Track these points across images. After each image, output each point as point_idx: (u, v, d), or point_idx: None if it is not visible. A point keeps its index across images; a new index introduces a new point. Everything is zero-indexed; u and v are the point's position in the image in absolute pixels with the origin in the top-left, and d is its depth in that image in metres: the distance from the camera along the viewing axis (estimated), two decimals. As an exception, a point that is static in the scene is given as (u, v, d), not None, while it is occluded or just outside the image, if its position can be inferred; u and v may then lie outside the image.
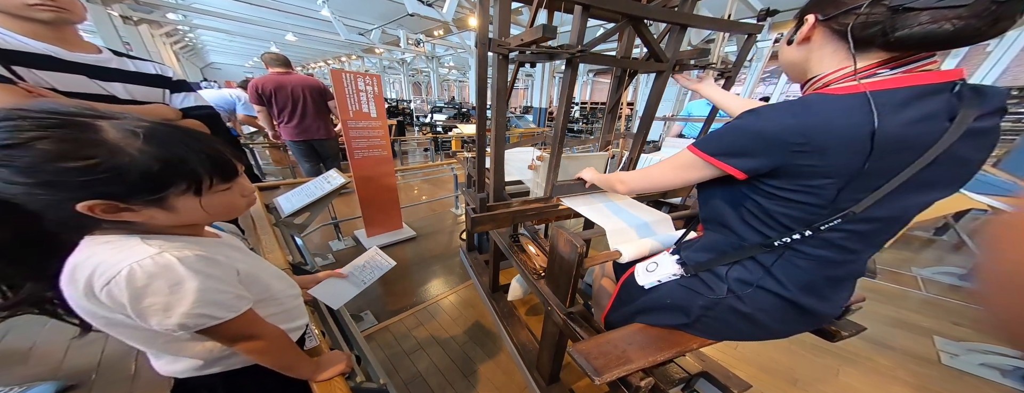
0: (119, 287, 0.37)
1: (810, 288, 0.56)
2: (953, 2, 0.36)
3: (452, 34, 7.98)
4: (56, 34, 0.76)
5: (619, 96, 1.39)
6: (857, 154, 0.43)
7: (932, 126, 0.42)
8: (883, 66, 0.44)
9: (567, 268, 0.80)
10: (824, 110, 0.44)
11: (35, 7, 0.69)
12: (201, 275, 0.41)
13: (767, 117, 0.48)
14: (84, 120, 0.35)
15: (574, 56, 0.82)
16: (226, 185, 0.44)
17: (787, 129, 0.45)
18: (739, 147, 0.51)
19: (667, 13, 0.87)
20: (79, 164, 0.33)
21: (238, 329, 0.47)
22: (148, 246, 0.39)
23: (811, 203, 0.48)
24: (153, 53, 7.36)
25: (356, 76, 1.90)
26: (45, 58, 0.74)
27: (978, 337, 1.59)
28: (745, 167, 0.51)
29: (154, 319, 0.39)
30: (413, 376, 1.30)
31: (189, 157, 0.39)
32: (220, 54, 19.40)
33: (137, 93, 0.88)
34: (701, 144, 0.55)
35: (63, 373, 1.14)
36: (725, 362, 1.26)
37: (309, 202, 1.45)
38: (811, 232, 0.50)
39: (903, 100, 0.42)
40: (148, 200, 0.38)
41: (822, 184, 0.46)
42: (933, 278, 2.14)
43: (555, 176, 1.05)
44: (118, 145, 0.35)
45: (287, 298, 0.62)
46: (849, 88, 0.45)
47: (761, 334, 0.63)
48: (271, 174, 3.97)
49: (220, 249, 0.49)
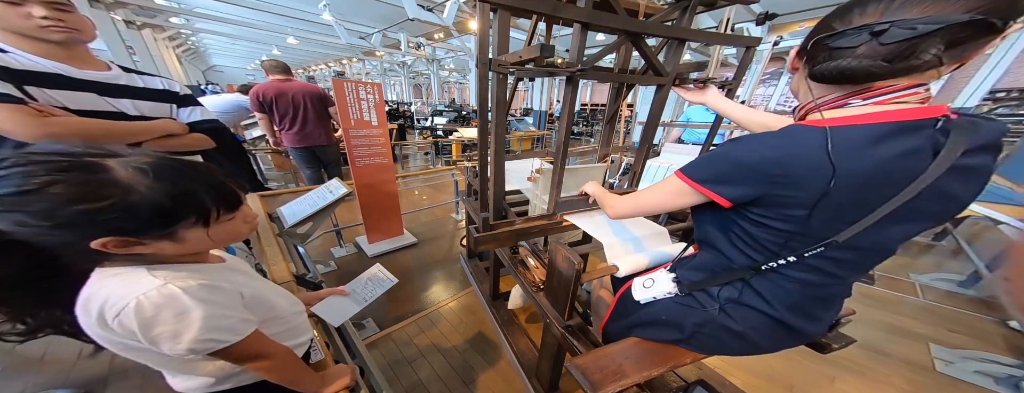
0: (129, 318, 0.39)
1: (797, 308, 0.58)
2: (850, 44, 0.41)
3: (453, 38, 8.03)
4: (67, 53, 0.78)
5: (618, 106, 1.41)
6: (823, 187, 0.44)
7: (914, 161, 0.42)
8: (853, 97, 0.46)
9: (565, 283, 0.82)
10: (800, 142, 0.46)
11: (47, 28, 0.72)
12: (205, 303, 0.43)
13: (749, 147, 0.49)
14: (93, 161, 0.36)
15: (574, 74, 0.83)
16: (231, 215, 0.47)
17: (766, 160, 0.47)
18: (723, 175, 0.52)
19: (665, 28, 0.88)
20: (93, 206, 0.35)
21: (245, 350, 0.49)
22: (153, 278, 0.41)
23: (792, 231, 0.50)
24: (156, 57, 7.39)
25: (358, 85, 1.93)
26: (56, 77, 0.75)
27: (974, 345, 1.61)
28: (729, 195, 0.52)
29: (165, 346, 0.42)
30: (414, 384, 1.32)
31: (197, 191, 0.42)
32: (222, 57, 19.51)
33: (145, 109, 0.90)
34: (688, 171, 0.56)
35: (73, 381, 1.17)
36: (722, 369, 1.28)
37: (312, 212, 1.47)
38: (796, 258, 0.51)
39: (877, 135, 0.42)
40: (159, 234, 0.41)
41: (800, 214, 0.48)
42: (931, 284, 2.14)
43: (558, 192, 1.06)
44: (129, 184, 0.37)
45: (291, 316, 0.64)
46: (820, 121, 0.47)
47: (752, 350, 0.65)
48: (273, 179, 4.00)
49: (224, 274, 0.51)
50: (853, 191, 0.44)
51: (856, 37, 0.41)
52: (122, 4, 5.51)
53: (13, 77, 0.69)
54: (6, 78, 0.68)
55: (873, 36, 0.40)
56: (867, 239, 0.48)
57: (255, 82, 3.16)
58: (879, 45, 0.40)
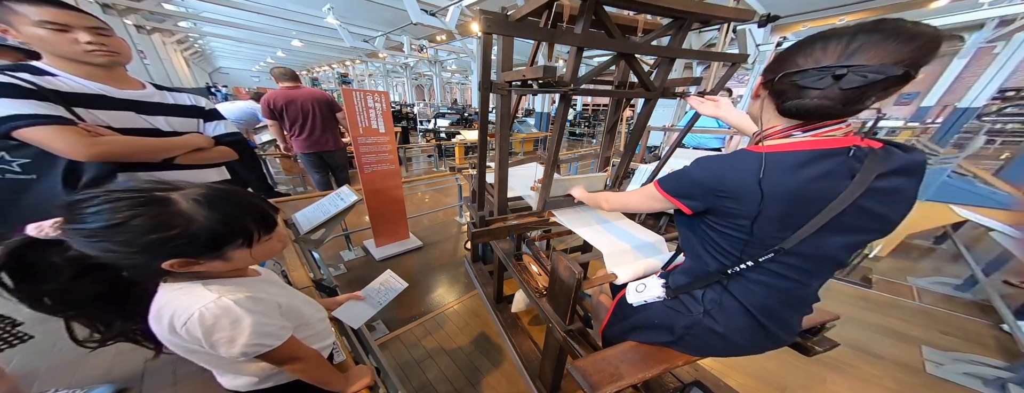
0: (194, 326, 0.46)
1: (767, 310, 0.64)
2: (816, 85, 0.47)
3: (455, 40, 8.07)
4: (107, 74, 0.84)
5: (617, 117, 1.46)
6: (755, 202, 0.53)
7: (831, 182, 0.50)
8: (798, 128, 0.54)
9: (567, 290, 0.88)
10: (741, 164, 0.55)
11: (92, 53, 0.78)
12: (253, 313, 0.50)
13: (704, 166, 0.59)
14: (162, 196, 0.43)
15: (568, 92, 0.89)
16: (269, 235, 0.53)
17: (713, 177, 0.57)
18: (684, 189, 0.63)
19: (655, 48, 0.94)
20: (165, 235, 0.42)
21: (284, 353, 0.56)
22: (209, 292, 0.48)
23: (744, 238, 0.58)
24: (165, 60, 7.53)
25: (365, 94, 1.99)
26: (99, 98, 0.82)
27: (966, 347, 1.65)
28: (689, 205, 0.62)
29: (222, 349, 0.49)
30: (423, 384, 1.38)
31: (244, 217, 0.49)
32: (228, 59, 19.76)
33: (176, 124, 0.96)
34: (663, 181, 0.67)
35: (112, 378, 1.27)
36: (717, 370, 1.33)
37: (325, 219, 1.53)
38: (754, 263, 0.59)
39: (803, 161, 0.51)
40: (213, 255, 0.47)
41: (745, 224, 0.56)
42: (928, 288, 2.17)
43: (547, 193, 1.16)
44: (190, 215, 0.43)
45: (317, 321, 0.71)
46: (761, 148, 0.55)
47: (735, 351, 0.71)
48: (282, 183, 4.09)
49: (263, 287, 0.59)
50: (783, 206, 0.52)
51: (821, 79, 0.47)
52: (133, 10, 5.63)
53: (63, 100, 0.75)
54: (57, 101, 0.74)
55: (835, 79, 0.46)
56: (810, 247, 0.55)
57: (264, 87, 3.23)
58: (838, 89, 0.46)
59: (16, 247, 0.42)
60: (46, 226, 0.42)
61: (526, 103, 11.53)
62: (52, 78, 0.76)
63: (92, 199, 0.40)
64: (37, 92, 0.72)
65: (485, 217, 1.16)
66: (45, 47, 0.76)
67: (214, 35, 9.45)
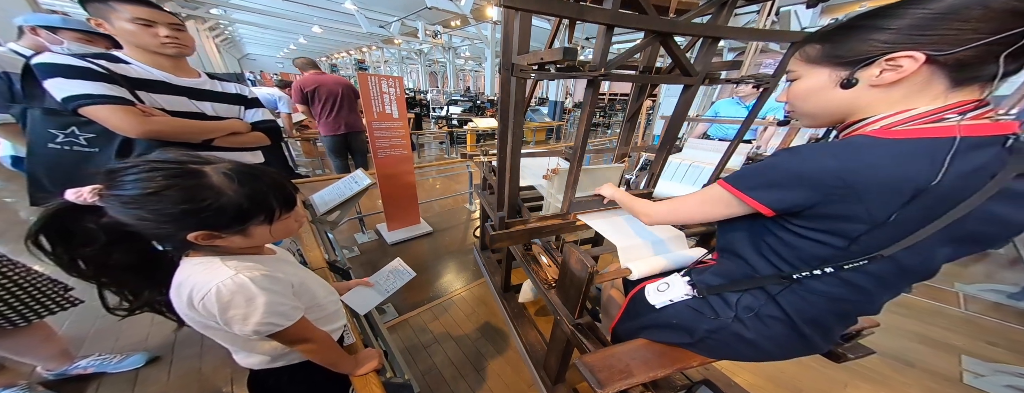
0: (211, 301, 0.47)
1: (816, 322, 0.57)
2: None
3: (469, 26, 7.91)
4: (172, 63, 0.94)
5: (639, 105, 1.37)
6: (893, 204, 0.41)
7: (975, 180, 0.39)
8: (955, 110, 0.40)
9: (577, 284, 0.85)
10: (874, 155, 0.42)
11: (166, 45, 0.88)
12: (267, 291, 0.50)
13: (807, 157, 0.46)
14: (195, 168, 0.44)
15: (597, 77, 0.80)
16: (289, 213, 0.54)
17: (826, 172, 0.44)
18: (772, 185, 0.49)
19: (697, 27, 0.84)
20: (195, 206, 0.42)
21: (295, 333, 0.57)
22: (227, 268, 0.49)
23: (834, 245, 0.48)
24: (199, 46, 7.82)
25: (380, 79, 1.97)
26: (160, 83, 0.91)
27: (1015, 360, 1.51)
28: (776, 205, 0.49)
29: (236, 326, 0.49)
30: (429, 367, 1.41)
31: (268, 193, 0.49)
32: (255, 46, 20.52)
33: (221, 110, 1.05)
34: (734, 180, 0.54)
35: (148, 347, 1.37)
36: (727, 369, 1.28)
37: (341, 201, 1.56)
38: (832, 269, 0.49)
39: (958, 151, 0.39)
40: (236, 230, 0.48)
41: (850, 229, 0.45)
42: (977, 295, 2.00)
43: (573, 192, 1.06)
44: (220, 188, 0.44)
45: (329, 303, 0.71)
46: (909, 132, 0.42)
47: (761, 357, 0.66)
48: (302, 165, 4.22)
49: (278, 266, 0.59)
50: (925, 209, 0.41)
51: None
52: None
53: (130, 83, 0.84)
54: (124, 84, 0.83)
55: None
56: (913, 256, 0.46)
57: (288, 74, 3.39)
58: None
59: (55, 211, 0.43)
60: (85, 192, 0.42)
61: (540, 91, 11.27)
62: (125, 65, 0.86)
63: (132, 168, 0.41)
64: (108, 76, 0.81)
65: (504, 218, 1.03)
66: (130, 39, 0.85)
67: (242, 22, 9.67)
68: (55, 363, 1.16)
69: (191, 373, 1.28)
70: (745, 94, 2.47)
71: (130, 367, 1.26)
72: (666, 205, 0.71)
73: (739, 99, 2.54)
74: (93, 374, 1.22)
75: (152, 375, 1.27)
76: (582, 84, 7.18)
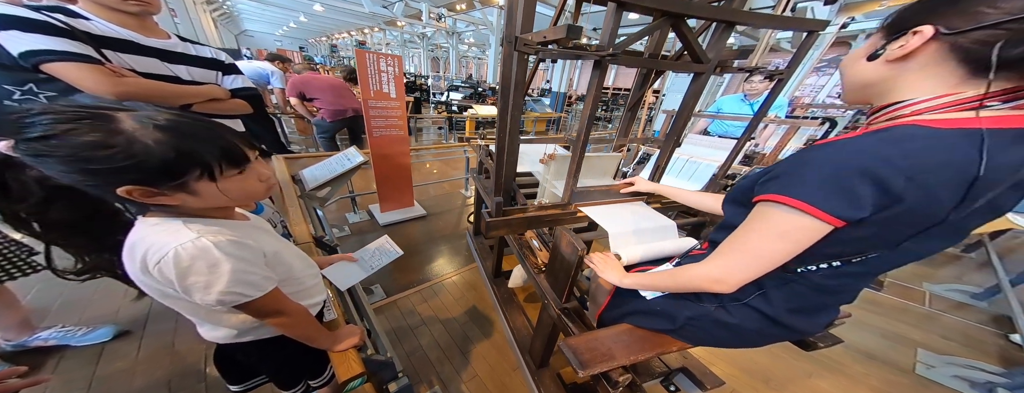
0: (168, 266, 0.43)
1: (801, 311, 0.57)
2: None
3: (474, 9, 7.67)
4: (138, 22, 0.87)
5: (642, 94, 1.34)
6: (952, 202, 0.37)
7: (1003, 175, 0.37)
8: (999, 97, 0.37)
9: (567, 267, 0.84)
10: (933, 147, 0.37)
11: (128, 2, 0.81)
12: (233, 257, 0.46)
13: (866, 151, 0.39)
14: (105, 112, 0.38)
15: (604, 58, 0.77)
16: (237, 170, 0.47)
17: (896, 171, 0.37)
18: (844, 191, 0.39)
19: (713, 10, 0.80)
20: (102, 153, 0.37)
21: (265, 305, 0.53)
22: (189, 230, 0.44)
23: (866, 244, 0.44)
24: (194, 20, 7.52)
25: (379, 57, 1.91)
26: (127, 43, 0.84)
27: (965, 353, 1.60)
28: (849, 215, 0.40)
29: (197, 295, 0.45)
30: (415, 348, 1.41)
31: (199, 145, 0.42)
32: (253, 22, 19.83)
33: (197, 74, 0.98)
34: (811, 195, 0.41)
35: (119, 320, 1.32)
36: (705, 358, 1.31)
37: (331, 177, 1.52)
38: (839, 263, 0.47)
39: (1009, 141, 0.36)
40: (172, 185, 0.42)
41: (899, 231, 0.41)
42: (943, 294, 2.09)
43: (575, 182, 1.03)
44: (134, 135, 0.38)
45: (306, 277, 0.68)
46: (952, 121, 0.38)
47: (739, 343, 0.67)
48: (296, 143, 4.13)
49: (250, 232, 0.54)
50: (967, 200, 0.38)
51: None
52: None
53: (94, 41, 0.78)
54: (89, 42, 0.77)
55: None
56: (922, 244, 0.44)
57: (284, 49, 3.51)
58: None
59: None
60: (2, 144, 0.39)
61: (542, 82, 11.09)
62: (85, 21, 0.79)
63: (37, 114, 0.36)
64: (69, 31, 0.74)
65: (501, 203, 0.99)
66: None
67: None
68: (13, 333, 1.11)
69: (163, 349, 1.24)
70: (753, 91, 2.43)
71: (96, 340, 1.21)
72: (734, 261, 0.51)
73: (745, 96, 2.51)
74: (54, 347, 1.17)
75: (120, 350, 1.22)
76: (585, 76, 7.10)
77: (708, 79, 0.97)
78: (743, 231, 0.50)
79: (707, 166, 2.22)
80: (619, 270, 0.78)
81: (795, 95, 5.47)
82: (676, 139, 1.13)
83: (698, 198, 0.92)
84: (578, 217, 1.10)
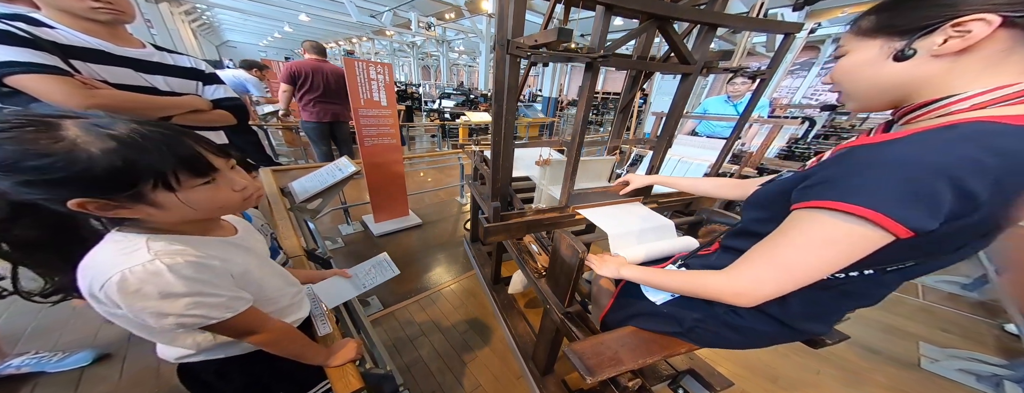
0: (112, 290, 0.40)
1: (815, 317, 0.56)
2: None
3: (463, 18, 7.77)
4: (109, 31, 0.83)
5: (632, 95, 1.36)
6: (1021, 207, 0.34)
7: None
8: None
9: (567, 271, 0.83)
10: (1015, 146, 0.33)
11: (97, 10, 0.77)
12: (188, 281, 0.43)
13: (943, 150, 0.34)
14: (50, 120, 0.36)
15: (596, 60, 0.78)
16: (202, 180, 0.44)
17: (982, 171, 0.33)
18: (923, 197, 0.34)
19: (696, 12, 0.82)
20: (41, 162, 0.34)
21: (240, 325, 0.50)
22: (145, 251, 0.41)
23: (913, 253, 0.40)
24: (172, 30, 7.36)
25: (368, 65, 1.90)
26: (98, 52, 0.80)
27: (965, 345, 1.63)
28: (922, 226, 0.35)
29: (150, 321, 0.43)
30: (415, 360, 1.37)
31: (150, 154, 0.39)
32: (235, 33, 19.50)
33: (175, 85, 0.94)
34: (879, 201, 0.35)
35: (97, 343, 1.26)
36: (710, 359, 1.30)
37: (322, 188, 1.49)
38: (873, 271, 0.44)
39: None
40: (127, 196, 0.39)
41: (960, 242, 0.38)
42: (935, 286, 2.13)
43: (572, 184, 1.03)
44: (77, 143, 0.35)
45: (283, 296, 0.64)
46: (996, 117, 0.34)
47: (748, 345, 0.66)
48: (284, 155, 4.05)
49: (220, 250, 0.51)
50: None
51: None
52: (134, -28, 5.41)
53: (61, 51, 0.73)
54: (55, 52, 0.72)
55: None
56: (958, 256, 0.42)
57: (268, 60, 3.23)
58: None
59: None
60: None
61: (534, 86, 11.21)
62: (50, 30, 0.74)
63: None
64: (33, 41, 0.70)
65: (498, 209, 0.98)
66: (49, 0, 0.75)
67: (222, 7, 9.16)
68: None
69: (147, 371, 1.18)
70: (735, 93, 2.52)
71: (73, 366, 1.15)
72: (760, 274, 0.46)
73: (728, 97, 2.59)
74: (28, 374, 1.11)
75: (100, 374, 1.16)
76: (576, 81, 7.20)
77: (695, 80, 1.00)
78: (775, 241, 0.45)
79: (698, 165, 2.27)
80: (616, 261, 0.77)
81: (773, 97, 5.74)
82: (668, 139, 1.15)
83: (695, 183, 0.95)
84: (577, 219, 1.10)
